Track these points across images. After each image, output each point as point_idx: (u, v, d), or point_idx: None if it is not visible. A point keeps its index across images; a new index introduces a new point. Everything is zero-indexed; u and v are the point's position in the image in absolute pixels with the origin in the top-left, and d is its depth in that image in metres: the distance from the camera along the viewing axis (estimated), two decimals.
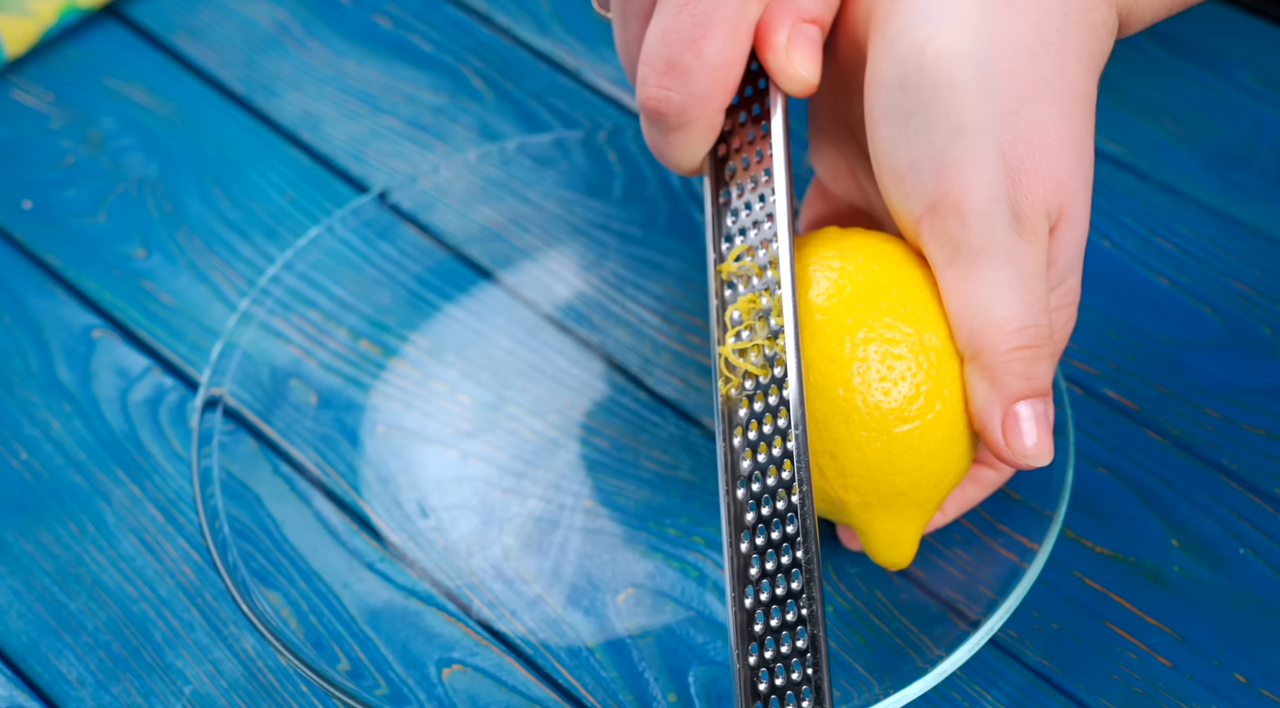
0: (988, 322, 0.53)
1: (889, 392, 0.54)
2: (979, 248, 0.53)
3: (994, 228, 0.52)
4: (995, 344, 0.53)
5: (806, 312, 0.55)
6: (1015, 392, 0.53)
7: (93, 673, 0.61)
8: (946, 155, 0.52)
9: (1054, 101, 0.53)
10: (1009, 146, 0.52)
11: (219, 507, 0.62)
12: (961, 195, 0.52)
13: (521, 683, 0.60)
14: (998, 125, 0.52)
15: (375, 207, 0.70)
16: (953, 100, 0.52)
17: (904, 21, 0.54)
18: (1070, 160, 0.53)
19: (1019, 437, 0.53)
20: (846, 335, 0.54)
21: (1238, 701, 0.58)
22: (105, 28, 0.83)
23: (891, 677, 0.57)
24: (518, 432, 0.66)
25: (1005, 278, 0.52)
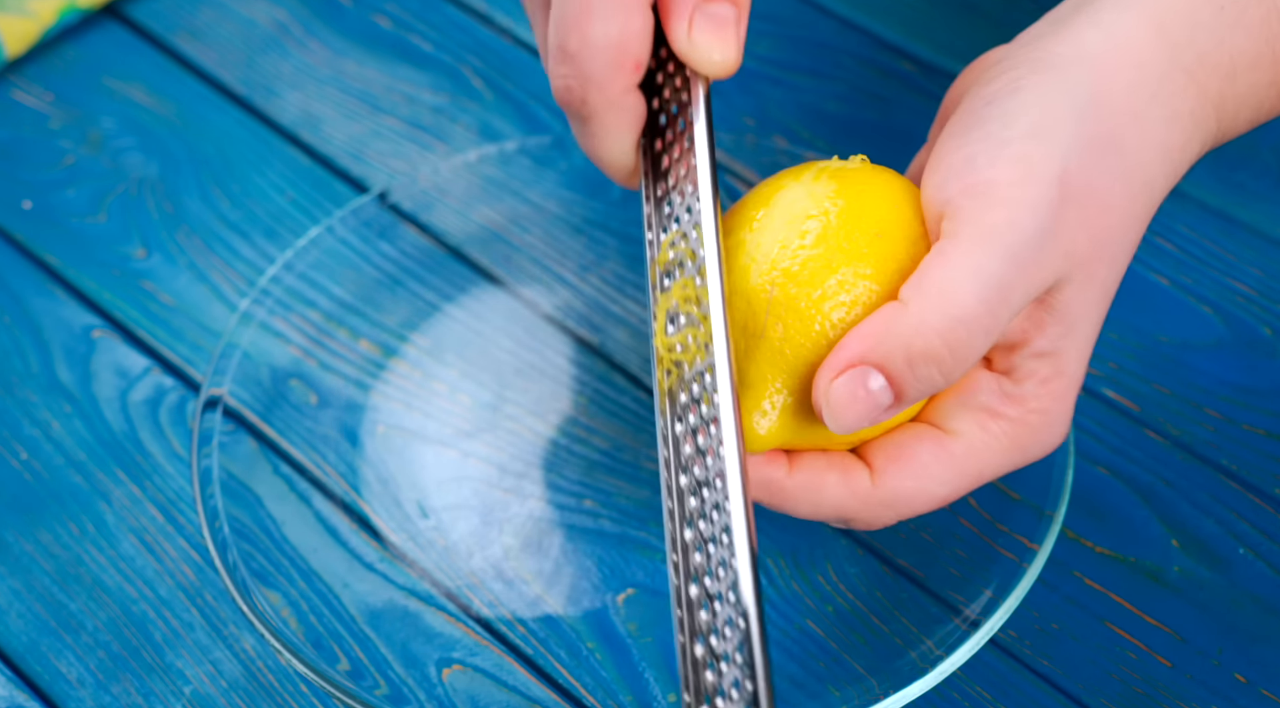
0: (946, 290, 0.49)
1: (822, 294, 0.52)
2: (988, 232, 0.49)
3: (1017, 223, 0.49)
4: (927, 309, 0.49)
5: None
6: (886, 364, 0.49)
7: (93, 673, 0.61)
8: (1012, 147, 0.50)
9: (1123, 172, 0.51)
10: (1074, 172, 0.50)
11: (219, 507, 0.62)
12: (1007, 182, 0.50)
13: (521, 683, 0.60)
14: (1074, 149, 0.50)
15: (375, 207, 0.70)
16: (1038, 114, 0.51)
17: (1002, 70, 0.52)
18: (1115, 229, 0.51)
19: (844, 391, 0.49)
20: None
21: (1238, 701, 0.58)
22: (105, 28, 0.83)
23: (891, 677, 0.57)
24: (518, 432, 0.66)
25: (991, 273, 0.49)
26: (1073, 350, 0.52)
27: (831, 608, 0.60)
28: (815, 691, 0.58)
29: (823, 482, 0.52)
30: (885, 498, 0.52)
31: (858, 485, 0.52)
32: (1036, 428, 0.52)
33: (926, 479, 0.52)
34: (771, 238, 0.53)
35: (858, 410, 0.50)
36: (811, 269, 0.52)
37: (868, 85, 0.77)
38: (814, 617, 0.60)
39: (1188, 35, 0.52)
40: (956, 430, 0.52)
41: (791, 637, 0.60)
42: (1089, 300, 0.52)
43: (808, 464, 0.53)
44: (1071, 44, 0.52)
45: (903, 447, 0.52)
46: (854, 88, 0.77)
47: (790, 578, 0.61)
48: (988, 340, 0.49)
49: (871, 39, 0.79)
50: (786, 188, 0.54)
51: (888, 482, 0.52)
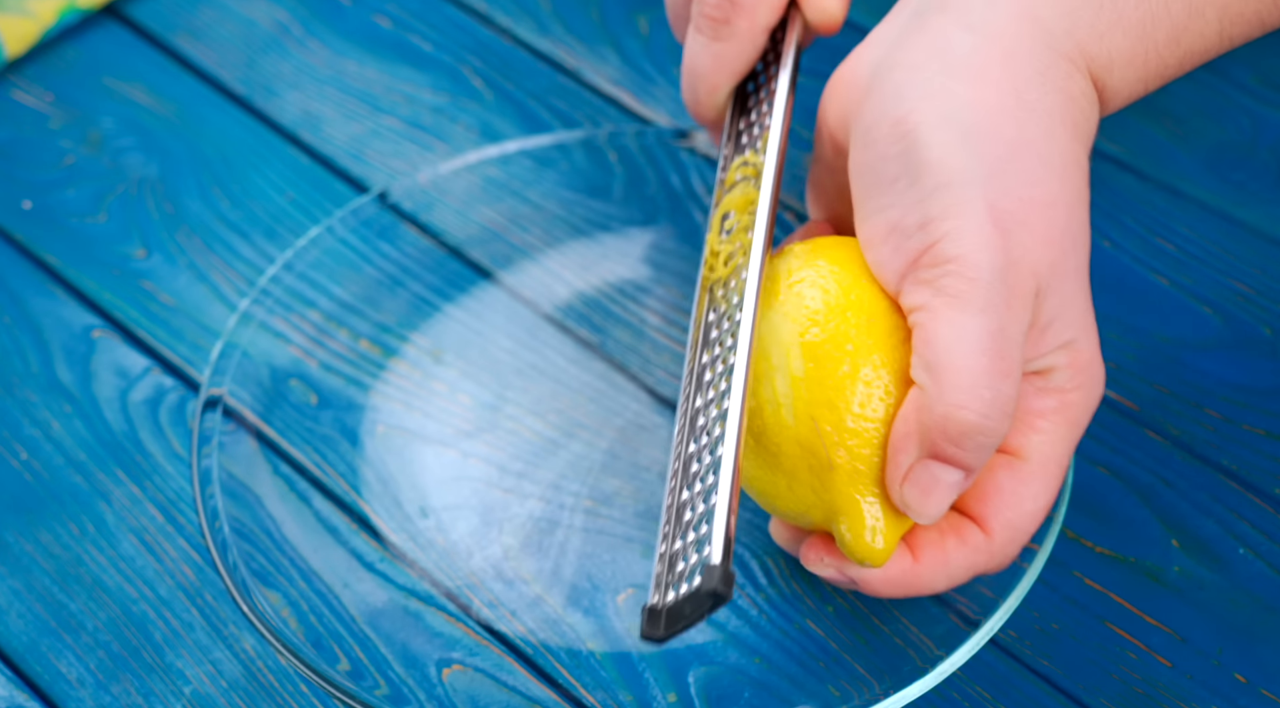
0: (947, 364, 0.50)
1: None
2: (957, 292, 0.50)
3: (978, 274, 0.50)
4: (943, 389, 0.50)
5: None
6: (937, 451, 0.51)
7: (93, 673, 0.61)
8: (932, 208, 0.51)
9: (1042, 163, 0.52)
10: (997, 200, 0.51)
11: (219, 507, 0.62)
12: (947, 242, 0.51)
13: (521, 683, 0.60)
14: (984, 180, 0.51)
15: (375, 207, 0.70)
16: (936, 160, 0.51)
17: (880, 106, 0.53)
18: (1063, 221, 0.52)
19: (915, 490, 0.52)
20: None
21: (1238, 701, 0.58)
22: (105, 28, 0.83)
23: (891, 677, 0.57)
24: (518, 432, 0.66)
25: (978, 326, 0.50)
26: (1078, 332, 0.53)
27: (831, 608, 0.60)
28: (815, 691, 0.58)
29: (946, 555, 0.54)
30: (1003, 539, 0.54)
31: (976, 542, 0.54)
32: (1079, 403, 0.54)
33: (1022, 503, 0.54)
34: (784, 378, 0.54)
35: (938, 500, 0.52)
36: (837, 386, 0.53)
37: None
38: (814, 617, 0.60)
39: (1065, 28, 0.53)
40: (1016, 448, 0.54)
41: (791, 637, 0.60)
42: (1072, 290, 0.53)
43: (925, 543, 0.54)
44: (942, 53, 0.53)
45: (985, 486, 0.54)
46: None
47: (790, 578, 0.61)
48: (1014, 384, 0.51)
49: None
50: (763, 319, 0.55)
51: (995, 524, 0.54)
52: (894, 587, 0.54)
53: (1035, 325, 0.52)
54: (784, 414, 0.53)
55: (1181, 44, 0.55)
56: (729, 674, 0.59)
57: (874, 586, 0.54)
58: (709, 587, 0.49)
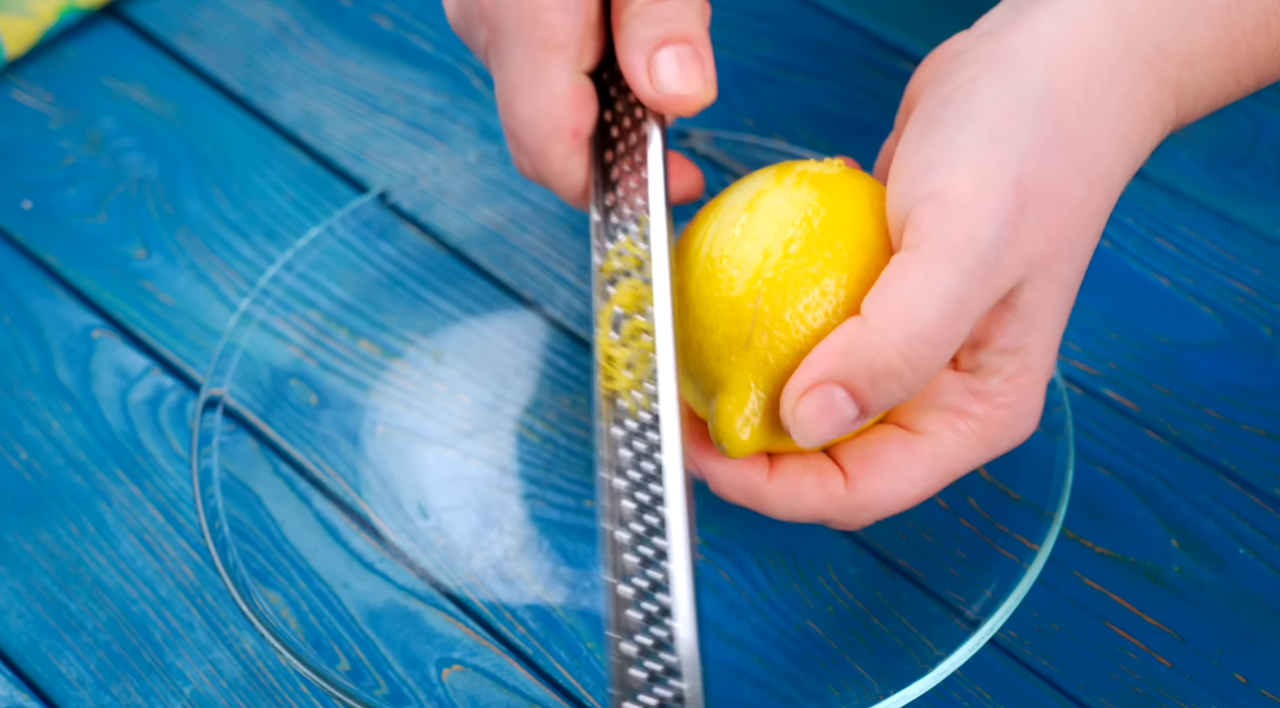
0: (903, 307, 0.50)
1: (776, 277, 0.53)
2: (949, 245, 0.50)
3: (978, 236, 0.50)
4: (887, 326, 0.50)
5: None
6: (850, 380, 0.50)
7: (93, 673, 0.61)
8: (968, 155, 0.51)
9: (1080, 165, 0.51)
10: (1031, 176, 0.50)
11: (219, 507, 0.62)
12: (965, 192, 0.50)
13: (521, 683, 0.60)
14: (1025, 152, 0.51)
15: (375, 207, 0.70)
16: (991, 115, 0.51)
17: (958, 68, 0.53)
18: (1076, 227, 0.51)
19: (811, 408, 0.51)
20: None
21: (1238, 701, 0.58)
22: (105, 28, 0.83)
23: (891, 677, 0.57)
24: (518, 432, 0.66)
25: (950, 286, 0.50)
26: (1037, 345, 0.53)
27: (831, 608, 0.60)
28: (815, 691, 0.58)
29: (800, 486, 0.53)
30: (859, 501, 0.53)
31: (833, 490, 0.53)
32: (1004, 422, 0.53)
33: (897, 480, 0.53)
34: (755, 246, 0.53)
35: (824, 427, 0.51)
36: (796, 280, 0.52)
37: (868, 85, 0.77)
38: (814, 617, 0.60)
39: (1147, 22, 0.53)
40: (924, 430, 0.53)
41: (791, 637, 0.60)
42: (1051, 296, 0.52)
43: (785, 469, 0.54)
44: (1028, 34, 0.52)
45: (872, 449, 0.53)
46: (854, 88, 0.77)
47: (790, 578, 0.61)
48: (949, 352, 0.50)
49: (871, 39, 0.79)
50: (768, 193, 0.55)
51: (860, 485, 0.53)
52: (737, 491, 0.54)
53: (1000, 309, 0.52)
54: (736, 280, 0.53)
55: (1273, 33, 0.54)
56: (729, 674, 0.59)
57: (720, 483, 0.54)
58: None
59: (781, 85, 0.78)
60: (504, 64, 0.55)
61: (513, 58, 0.55)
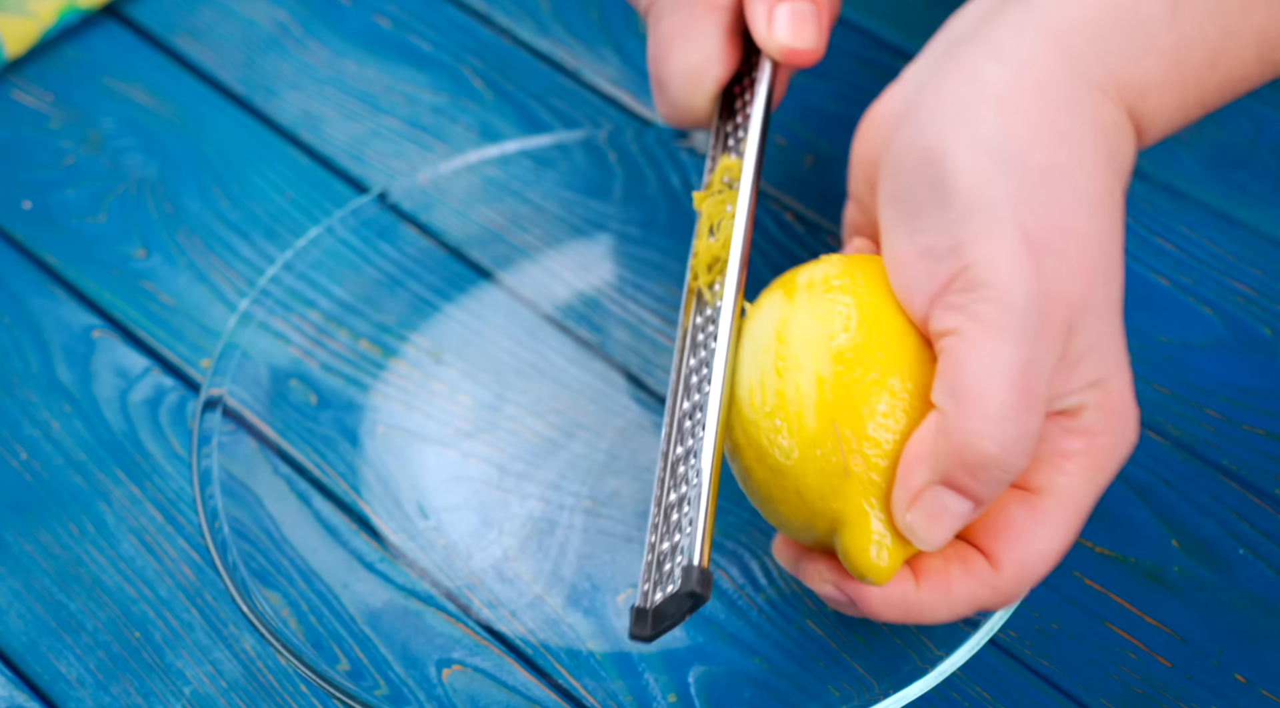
0: (973, 391, 0.50)
1: None
2: (990, 319, 0.50)
3: (1013, 301, 0.49)
4: (966, 416, 0.49)
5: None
6: (951, 479, 0.50)
7: (93, 673, 0.61)
8: (963, 232, 0.50)
9: (1074, 191, 0.51)
10: (1029, 225, 0.50)
11: (219, 507, 0.62)
12: (980, 267, 0.50)
13: (521, 683, 0.60)
14: (1015, 205, 0.50)
15: (375, 207, 0.70)
16: (967, 184, 0.51)
17: (910, 135, 0.53)
18: (1095, 253, 0.51)
19: (922, 514, 0.51)
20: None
21: (1238, 701, 0.58)
22: (105, 28, 0.83)
23: (891, 677, 0.57)
24: (518, 432, 0.66)
25: (1009, 356, 0.49)
26: (1113, 371, 0.52)
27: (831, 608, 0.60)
28: (815, 691, 0.58)
29: (949, 582, 0.53)
30: (1008, 575, 0.53)
31: (981, 573, 0.53)
32: (1109, 447, 0.53)
33: (1035, 540, 0.53)
34: (806, 377, 0.53)
35: (941, 528, 0.51)
36: (864, 392, 0.52)
37: (868, 85, 0.77)
38: (814, 617, 0.60)
39: (1095, 54, 0.52)
40: (1038, 486, 0.53)
41: (791, 637, 0.60)
42: (1103, 326, 0.52)
43: (929, 570, 0.53)
44: (971, 84, 0.52)
45: (997, 521, 0.53)
46: (854, 88, 0.77)
47: (790, 578, 0.61)
48: (1036, 419, 0.50)
49: (871, 39, 0.79)
50: (790, 321, 0.54)
51: (1003, 557, 0.53)
52: (893, 609, 0.53)
53: (1064, 360, 0.51)
54: (805, 415, 0.53)
55: (1219, 68, 0.54)
56: (729, 674, 0.59)
57: (873, 606, 0.53)
58: (688, 588, 0.50)
59: None
60: (663, 21, 0.62)
61: (675, 16, 0.62)
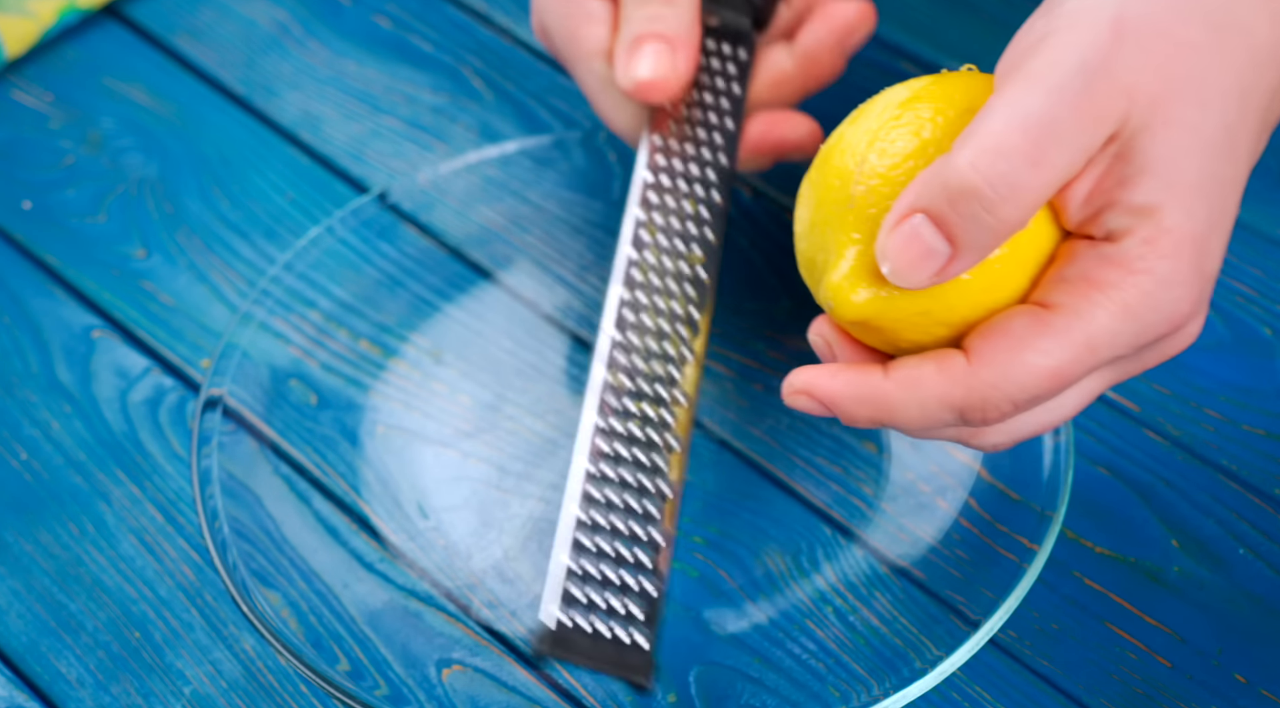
0: (981, 127, 0.48)
1: None
2: (1032, 72, 0.48)
3: (1062, 61, 0.48)
4: (963, 146, 0.48)
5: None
6: (931, 206, 0.48)
7: (93, 673, 0.61)
8: (1065, 6, 0.49)
9: (1203, 12, 0.49)
10: (1133, 15, 0.48)
11: (219, 507, 0.62)
12: (1056, 37, 0.48)
13: (521, 683, 0.60)
14: (1136, 2, 0.48)
15: (375, 207, 0.70)
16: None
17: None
18: (1195, 68, 0.48)
19: (898, 237, 0.49)
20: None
21: (1238, 701, 0.58)
22: (105, 28, 0.83)
23: (891, 677, 0.57)
24: (518, 432, 0.66)
25: (1031, 105, 0.47)
26: (1172, 203, 0.48)
27: (831, 608, 0.60)
28: (815, 691, 0.58)
29: (920, 374, 0.50)
30: (986, 378, 0.49)
31: (955, 370, 0.49)
32: (1148, 290, 0.48)
33: (1026, 350, 0.49)
34: (860, 129, 0.53)
35: (911, 256, 0.48)
36: (897, 137, 0.51)
37: (868, 85, 0.77)
38: (814, 617, 0.60)
39: None
40: (1055, 303, 0.49)
41: (791, 637, 0.60)
42: (1179, 146, 0.48)
43: (901, 362, 0.50)
44: None
45: (996, 324, 0.50)
46: (854, 88, 0.77)
47: (790, 578, 0.61)
48: (1036, 176, 0.47)
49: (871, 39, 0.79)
50: (887, 91, 0.54)
51: (985, 357, 0.49)
52: (860, 404, 0.50)
53: (1118, 159, 0.49)
54: (849, 161, 0.52)
55: None
56: (729, 674, 0.59)
57: (838, 397, 0.50)
58: (631, 675, 0.50)
59: None
60: (573, 75, 0.67)
61: (575, 73, 0.67)
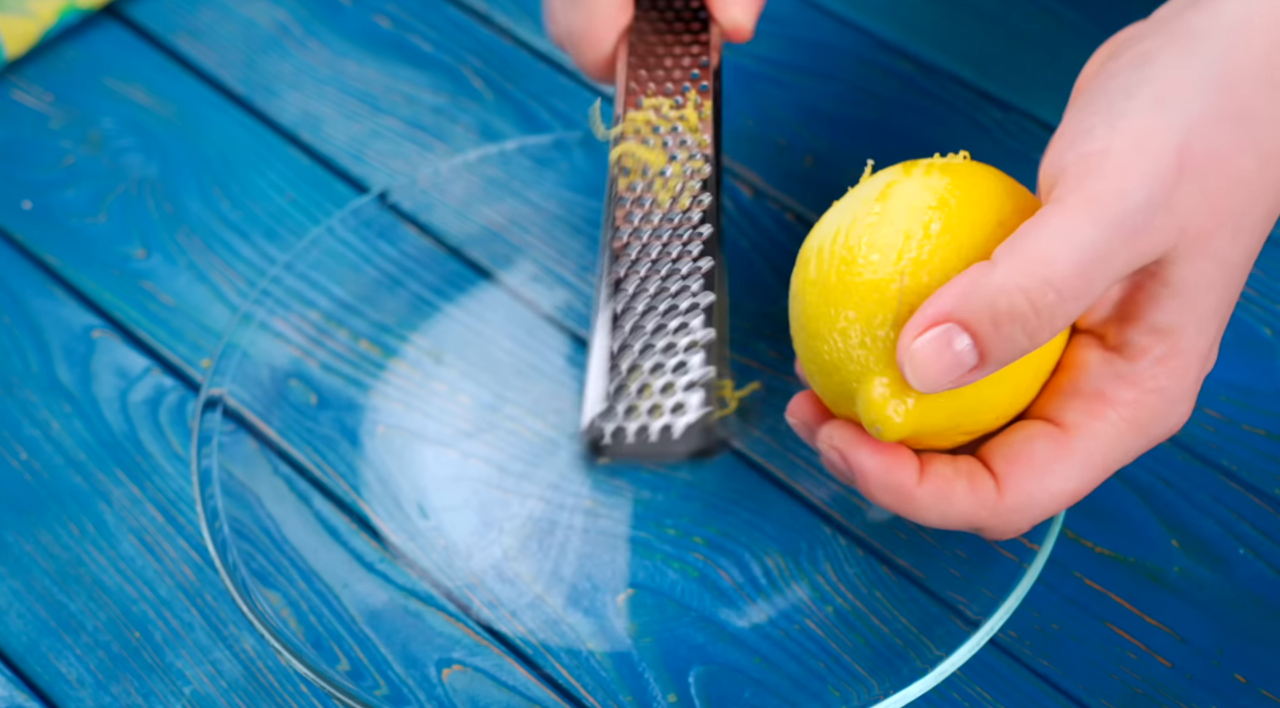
0: (1037, 248, 0.47)
1: None
2: (1095, 197, 0.48)
3: (1127, 193, 0.48)
4: (1016, 265, 0.47)
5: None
6: (970, 319, 0.48)
7: (93, 673, 0.61)
8: (1132, 118, 0.49)
9: (1255, 139, 0.49)
10: (1197, 144, 0.48)
11: (219, 507, 0.62)
12: (1121, 150, 0.48)
13: (521, 683, 0.60)
14: (1194, 119, 0.49)
15: (375, 207, 0.70)
16: (1163, 83, 0.49)
17: (1129, 42, 0.52)
18: (1244, 203, 0.49)
19: (929, 345, 0.48)
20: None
21: (1238, 701, 0.58)
22: (105, 28, 0.83)
23: (891, 677, 0.57)
24: (518, 432, 0.66)
25: (1091, 236, 0.47)
26: (1191, 327, 0.50)
27: (831, 608, 0.60)
28: (815, 691, 0.58)
29: (951, 491, 0.51)
30: (1013, 504, 0.51)
31: (985, 494, 0.51)
32: (1156, 408, 0.51)
33: (1051, 477, 0.51)
34: (893, 230, 0.51)
35: (940, 366, 0.49)
36: (941, 255, 0.51)
37: (868, 85, 0.77)
38: (814, 617, 0.60)
39: None
40: (1072, 423, 0.51)
41: (791, 637, 0.60)
42: (1209, 276, 0.50)
43: (936, 472, 0.51)
44: (1209, 14, 0.51)
45: (1019, 447, 0.51)
46: (854, 88, 0.77)
47: (790, 578, 0.61)
48: (1079, 306, 0.48)
49: (871, 39, 0.79)
50: (898, 184, 0.53)
51: (1012, 486, 0.51)
52: (887, 492, 0.51)
53: (1151, 279, 0.50)
54: (876, 261, 0.51)
55: None
56: (729, 674, 0.59)
57: (870, 480, 0.51)
58: (699, 444, 0.48)
59: (781, 85, 0.78)
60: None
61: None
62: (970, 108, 0.76)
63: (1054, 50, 0.78)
